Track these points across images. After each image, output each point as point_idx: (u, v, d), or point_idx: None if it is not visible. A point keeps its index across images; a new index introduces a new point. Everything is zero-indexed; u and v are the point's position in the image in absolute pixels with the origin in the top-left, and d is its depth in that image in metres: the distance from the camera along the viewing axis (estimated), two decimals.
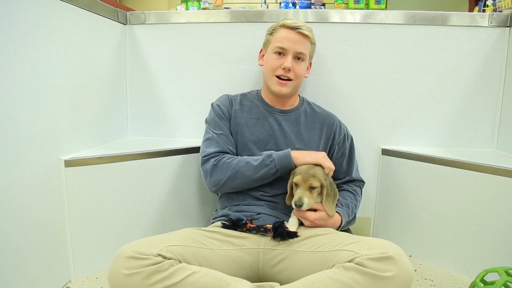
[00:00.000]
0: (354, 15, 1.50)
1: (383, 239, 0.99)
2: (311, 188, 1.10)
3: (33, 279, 1.08)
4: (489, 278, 1.07)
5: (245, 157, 1.20)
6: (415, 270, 1.34)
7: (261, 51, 1.35)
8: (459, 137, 1.54)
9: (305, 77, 1.32)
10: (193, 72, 1.58)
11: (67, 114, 1.23)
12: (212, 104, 1.33)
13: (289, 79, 1.24)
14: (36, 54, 1.09)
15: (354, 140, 1.37)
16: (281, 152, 1.18)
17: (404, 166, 1.45)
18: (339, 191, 1.25)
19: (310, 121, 1.30)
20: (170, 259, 0.92)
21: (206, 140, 1.26)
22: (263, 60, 1.32)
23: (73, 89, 1.26)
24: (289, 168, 1.16)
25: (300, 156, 1.16)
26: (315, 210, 1.13)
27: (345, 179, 1.32)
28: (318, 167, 1.13)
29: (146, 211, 1.39)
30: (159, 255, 0.91)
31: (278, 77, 1.24)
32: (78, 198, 1.23)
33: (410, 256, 1.45)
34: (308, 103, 1.36)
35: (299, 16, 1.51)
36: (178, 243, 0.98)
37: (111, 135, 1.53)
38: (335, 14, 1.51)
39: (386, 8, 1.59)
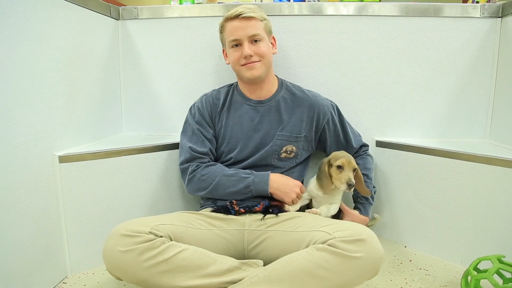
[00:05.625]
0: (348, 8, 1.50)
1: (377, 230, 1.02)
2: (354, 170, 1.18)
3: (29, 275, 1.09)
4: (482, 266, 1.09)
5: (222, 177, 1.21)
6: (410, 261, 1.35)
7: (223, 51, 1.34)
8: (453, 128, 1.55)
9: (273, 53, 1.30)
10: (187, 66, 1.58)
11: (60, 110, 1.23)
12: (192, 106, 1.34)
13: (255, 61, 1.22)
14: (28, 50, 1.08)
15: None
16: (259, 184, 1.20)
17: (398, 157, 1.46)
18: None
19: (290, 106, 1.30)
20: (161, 237, 0.98)
21: (180, 146, 1.32)
22: (228, 58, 1.31)
23: (66, 85, 1.25)
24: (265, 192, 1.20)
25: (275, 186, 1.21)
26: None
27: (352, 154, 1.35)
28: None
29: (140, 206, 1.39)
30: (151, 233, 0.97)
31: (244, 65, 1.23)
32: (72, 194, 1.23)
33: (405, 246, 1.46)
34: (287, 87, 1.34)
35: (293, 9, 1.50)
36: (168, 222, 1.05)
37: (105, 131, 1.53)
38: (328, 7, 1.51)
39: (379, 0, 1.60)
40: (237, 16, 1.20)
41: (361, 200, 1.32)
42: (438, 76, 1.51)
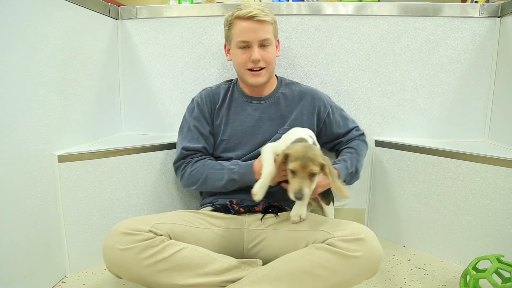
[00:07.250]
0: (347, 7, 1.50)
1: (376, 229, 1.02)
2: (311, 175, 0.94)
3: (28, 274, 1.09)
4: (481, 265, 1.09)
5: (209, 171, 1.19)
6: (409, 260, 1.35)
7: (225, 46, 1.30)
8: (452, 128, 1.55)
9: (276, 56, 1.29)
10: (185, 66, 1.58)
11: (59, 109, 1.23)
12: (192, 100, 1.33)
13: (262, 68, 1.22)
14: (27, 49, 1.08)
15: None
16: (245, 175, 1.15)
17: (397, 157, 1.46)
18: (340, 151, 1.31)
19: (289, 102, 1.30)
20: (161, 235, 0.98)
21: (177, 144, 1.31)
22: (230, 55, 1.28)
23: (65, 84, 1.25)
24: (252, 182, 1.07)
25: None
26: None
27: (347, 137, 1.34)
28: (314, 146, 0.99)
29: (139, 205, 1.39)
30: (150, 231, 0.98)
31: (250, 69, 1.22)
32: (72, 193, 1.23)
33: (404, 246, 1.46)
34: (286, 83, 1.34)
35: (292, 9, 1.50)
36: (167, 221, 1.05)
37: (104, 131, 1.53)
38: (327, 6, 1.51)
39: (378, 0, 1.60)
40: (250, 18, 1.16)
41: (338, 161, 1.23)
42: (437, 76, 1.51)
